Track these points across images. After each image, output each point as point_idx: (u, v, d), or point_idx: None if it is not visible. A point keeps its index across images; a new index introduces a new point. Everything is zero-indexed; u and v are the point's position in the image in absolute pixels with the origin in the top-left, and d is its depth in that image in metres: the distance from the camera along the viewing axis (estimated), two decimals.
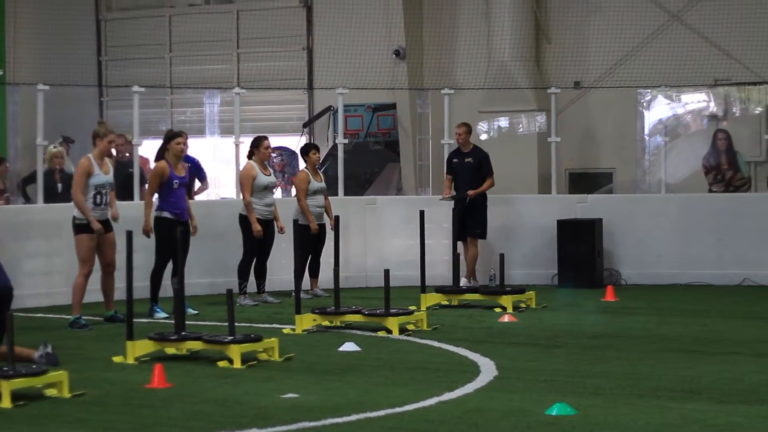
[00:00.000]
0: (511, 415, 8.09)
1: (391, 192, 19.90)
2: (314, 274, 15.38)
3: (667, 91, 18.04)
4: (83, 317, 12.73)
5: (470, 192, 15.80)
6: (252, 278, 14.87)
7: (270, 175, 14.95)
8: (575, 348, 11.15)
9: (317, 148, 15.73)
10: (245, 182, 14.70)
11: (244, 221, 14.73)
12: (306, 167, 15.42)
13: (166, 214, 13.46)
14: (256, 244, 14.66)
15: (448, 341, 11.49)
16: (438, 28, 20.36)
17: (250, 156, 14.92)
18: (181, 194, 13.58)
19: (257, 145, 14.88)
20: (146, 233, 13.39)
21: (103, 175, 12.78)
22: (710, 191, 17.13)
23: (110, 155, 13.25)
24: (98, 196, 12.74)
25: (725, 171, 16.95)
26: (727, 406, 8.33)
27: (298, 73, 21.71)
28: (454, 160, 16.14)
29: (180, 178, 13.53)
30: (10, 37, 21.47)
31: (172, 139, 13.56)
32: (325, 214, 15.25)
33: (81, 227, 12.68)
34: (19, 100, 20.11)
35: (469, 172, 15.95)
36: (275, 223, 14.86)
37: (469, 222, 15.79)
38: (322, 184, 15.39)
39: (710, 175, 17.13)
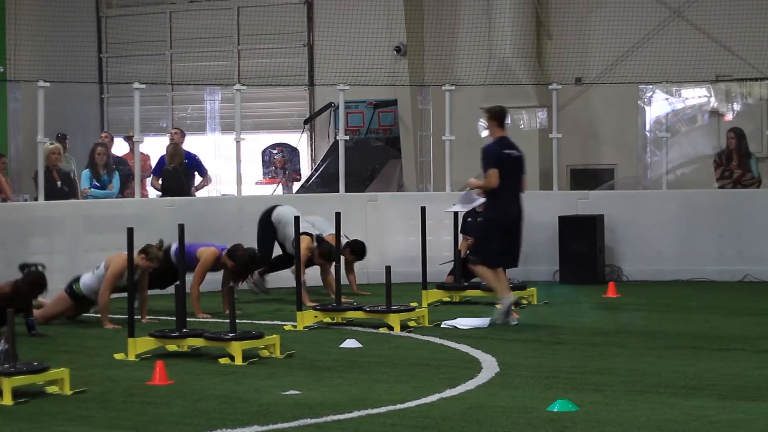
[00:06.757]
0: (513, 411, 8.08)
1: (392, 188, 19.89)
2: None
3: (668, 87, 18.03)
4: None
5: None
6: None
7: None
8: (577, 344, 11.14)
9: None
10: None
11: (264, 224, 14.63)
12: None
13: None
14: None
15: (450, 338, 11.49)
16: (439, 24, 20.35)
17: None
18: None
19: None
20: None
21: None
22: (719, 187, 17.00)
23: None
24: None
25: (734, 169, 16.87)
26: (728, 402, 8.32)
27: (298, 69, 21.70)
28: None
29: None
30: (11, 34, 21.48)
31: None
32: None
33: None
34: (20, 97, 20.14)
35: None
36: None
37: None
38: None
39: (719, 170, 17.03)
